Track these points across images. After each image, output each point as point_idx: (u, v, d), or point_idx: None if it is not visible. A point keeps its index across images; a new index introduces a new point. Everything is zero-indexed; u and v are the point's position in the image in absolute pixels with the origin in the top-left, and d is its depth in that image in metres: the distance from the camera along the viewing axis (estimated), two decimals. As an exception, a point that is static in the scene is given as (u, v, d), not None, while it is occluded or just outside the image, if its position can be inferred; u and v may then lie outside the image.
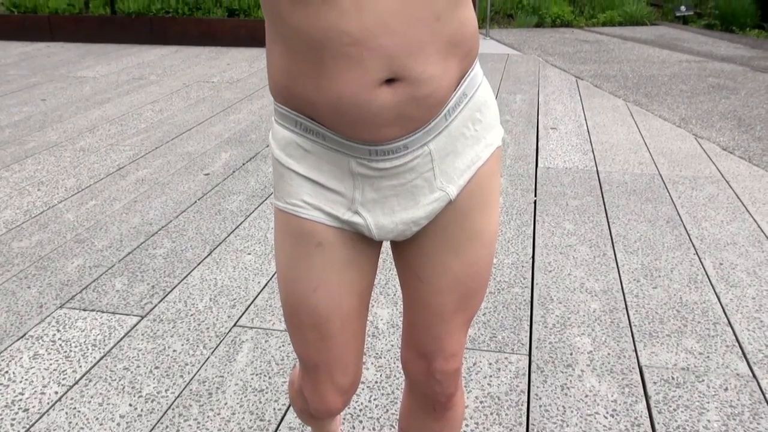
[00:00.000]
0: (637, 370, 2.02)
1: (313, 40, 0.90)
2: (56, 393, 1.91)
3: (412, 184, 1.01)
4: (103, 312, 2.33)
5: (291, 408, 1.83)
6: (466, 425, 1.78)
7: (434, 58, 0.93)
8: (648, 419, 1.81)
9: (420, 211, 1.02)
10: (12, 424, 1.79)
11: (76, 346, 2.13)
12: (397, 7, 0.87)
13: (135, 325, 2.25)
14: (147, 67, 6.52)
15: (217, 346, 2.13)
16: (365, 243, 1.07)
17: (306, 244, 1.04)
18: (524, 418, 1.82)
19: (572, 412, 1.84)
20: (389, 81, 0.91)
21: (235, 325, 2.25)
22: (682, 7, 9.74)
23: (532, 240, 2.87)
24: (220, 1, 7.97)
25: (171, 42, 7.82)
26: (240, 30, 7.64)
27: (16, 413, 1.83)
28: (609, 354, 2.09)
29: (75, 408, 1.85)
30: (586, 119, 4.69)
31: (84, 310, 2.34)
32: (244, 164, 3.80)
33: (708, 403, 1.87)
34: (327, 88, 0.92)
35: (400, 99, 0.92)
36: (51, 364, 2.04)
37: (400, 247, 1.11)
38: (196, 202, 3.28)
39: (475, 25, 0.99)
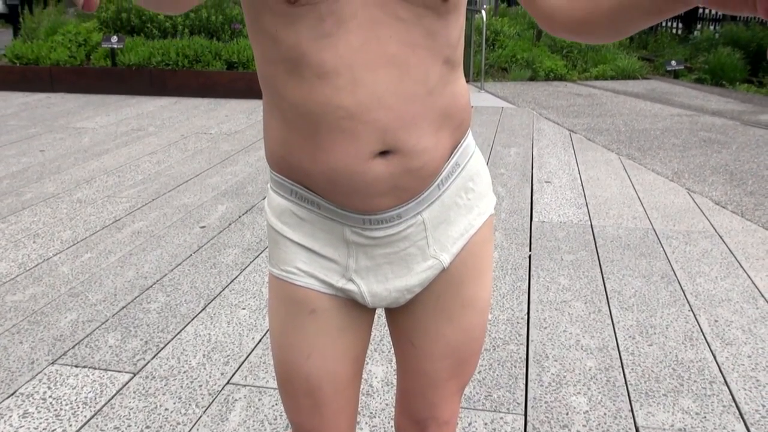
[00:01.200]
0: (634, 430, 2.00)
1: (309, 113, 0.92)
2: (45, 453, 1.88)
3: (405, 252, 1.02)
4: (95, 369, 2.31)
5: (283, 470, 1.81)
6: (461, 489, 1.76)
7: (427, 130, 0.95)
8: (645, 483, 1.79)
9: (413, 278, 1.03)
10: (-1, 487, 1.75)
11: (66, 404, 2.11)
12: (391, 83, 0.90)
13: (127, 383, 2.22)
14: (146, 119, 6.59)
15: (209, 405, 2.11)
16: (359, 309, 1.07)
17: (300, 311, 1.04)
18: (520, 482, 1.79)
19: (569, 474, 1.81)
20: (383, 153, 0.93)
21: (228, 382, 2.23)
22: (673, 62, 9.94)
23: (527, 295, 2.87)
24: (219, 54, 8.12)
25: (170, 93, 7.93)
26: (238, 82, 7.76)
27: (4, 475, 1.80)
28: (605, 414, 2.07)
29: (63, 469, 1.82)
30: (579, 173, 4.74)
31: (76, 366, 2.32)
32: (240, 217, 3.82)
33: (706, 465, 1.85)
34: (322, 159, 0.94)
35: (393, 171, 0.94)
36: (41, 423, 2.02)
37: (393, 313, 1.11)
38: (191, 255, 3.28)
39: (467, 97, 1.02)
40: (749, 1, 0.51)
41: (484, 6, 12.43)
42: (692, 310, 2.74)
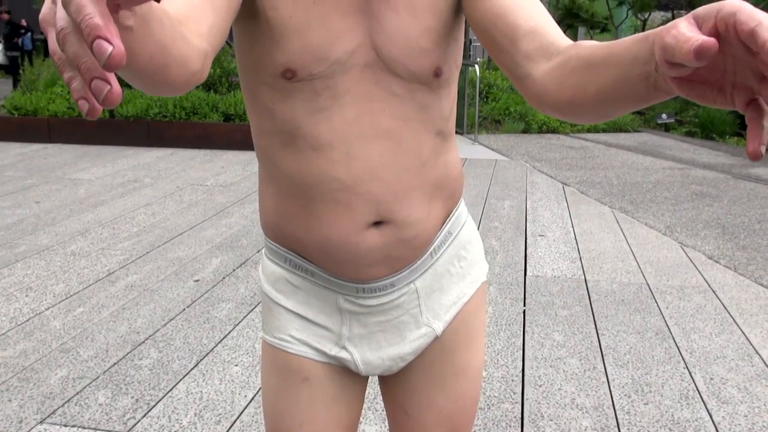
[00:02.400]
0: (631, 493, 1.97)
1: (304, 184, 0.94)
2: None
3: (398, 320, 1.02)
4: (84, 428, 2.27)
5: None
6: None
7: (420, 201, 0.97)
8: None
9: (406, 347, 1.03)
10: None
11: (54, 466, 2.07)
12: (385, 155, 0.92)
13: (116, 443, 2.19)
14: (142, 170, 6.63)
15: (200, 466, 2.07)
16: (352, 377, 1.07)
17: (292, 379, 1.04)
18: None
19: None
20: (376, 223, 0.94)
21: (219, 442, 2.20)
22: (664, 115, 10.10)
23: (521, 352, 2.85)
24: (217, 107, 8.22)
25: (167, 145, 7.99)
26: (235, 134, 7.84)
27: None
28: (602, 476, 2.04)
29: None
30: (573, 226, 4.77)
31: (65, 425, 2.28)
32: (234, 270, 3.81)
33: None
34: (316, 229, 0.95)
35: (387, 241, 0.95)
36: (27, 486, 1.97)
37: (386, 381, 1.11)
38: (184, 309, 3.26)
39: (459, 167, 1.04)
40: (728, 97, 0.53)
41: (478, 59, 12.67)
42: (687, 368, 2.73)
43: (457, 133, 9.12)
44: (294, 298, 1.03)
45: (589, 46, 0.71)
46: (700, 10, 0.51)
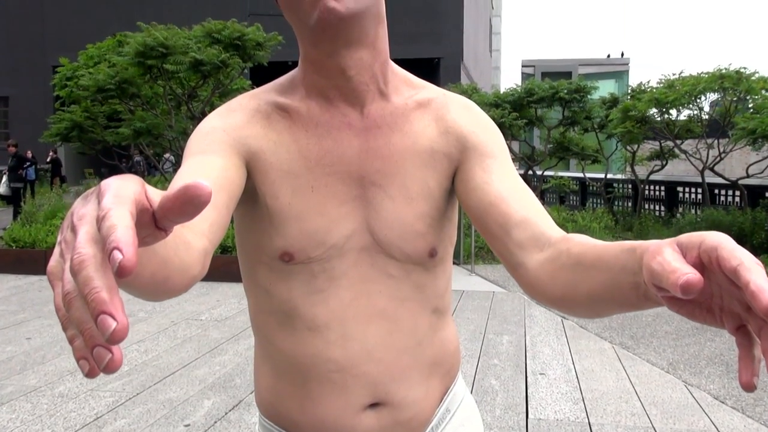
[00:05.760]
0: None
1: (300, 364, 0.92)
2: None
3: (396, 506, 0.97)
4: None
5: None
6: None
7: (417, 380, 0.95)
8: None
9: None
10: None
11: None
12: (381, 336, 0.91)
13: None
14: (137, 304, 6.59)
15: None
16: None
17: None
18: None
19: None
20: (373, 405, 0.92)
21: None
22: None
23: (525, 506, 2.71)
24: (215, 239, 8.29)
25: (163, 277, 7.98)
26: (231, 266, 7.85)
27: None
28: None
29: None
30: (574, 363, 4.68)
31: None
32: (226, 414, 3.69)
33: None
34: (311, 410, 0.93)
35: (383, 423, 0.93)
36: None
37: None
38: (173, 458, 3.13)
39: (456, 342, 1.03)
40: (717, 318, 0.53)
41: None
42: None
43: (453, 263, 9.14)
44: (286, 479, 0.98)
45: (579, 243, 0.72)
46: (683, 238, 0.52)
